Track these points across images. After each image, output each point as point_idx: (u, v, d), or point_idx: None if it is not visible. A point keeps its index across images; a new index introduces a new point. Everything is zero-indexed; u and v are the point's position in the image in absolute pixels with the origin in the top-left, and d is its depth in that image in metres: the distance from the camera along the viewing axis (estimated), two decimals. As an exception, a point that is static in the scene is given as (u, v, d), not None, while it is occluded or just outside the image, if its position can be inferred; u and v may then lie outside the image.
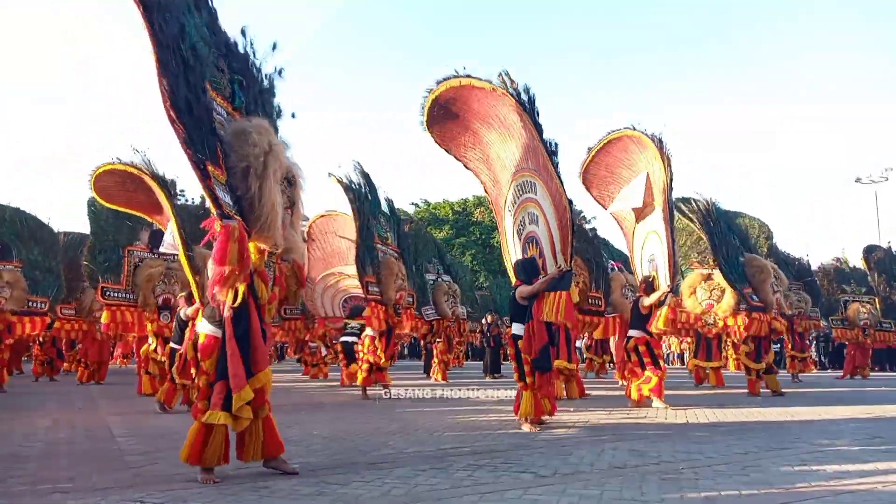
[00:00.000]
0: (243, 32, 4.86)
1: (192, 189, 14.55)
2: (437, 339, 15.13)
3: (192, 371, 4.50)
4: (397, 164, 79.36)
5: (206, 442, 4.08)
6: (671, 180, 8.89)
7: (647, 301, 8.97)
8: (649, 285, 9.25)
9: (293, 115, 5.23)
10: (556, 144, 7.15)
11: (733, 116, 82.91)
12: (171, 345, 8.92)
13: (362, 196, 11.38)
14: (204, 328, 4.97)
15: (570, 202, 7.27)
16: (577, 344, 15.51)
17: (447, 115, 8.19)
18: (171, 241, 9.74)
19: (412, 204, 40.66)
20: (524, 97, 7.08)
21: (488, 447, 5.48)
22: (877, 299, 16.37)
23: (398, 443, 5.80)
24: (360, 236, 11.02)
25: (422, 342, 17.70)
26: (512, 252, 8.26)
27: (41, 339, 15.46)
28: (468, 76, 7.44)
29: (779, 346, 16.47)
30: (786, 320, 11.77)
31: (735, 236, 11.78)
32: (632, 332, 9.29)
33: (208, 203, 4.10)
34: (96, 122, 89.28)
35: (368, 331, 10.81)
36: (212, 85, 4.36)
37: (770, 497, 3.69)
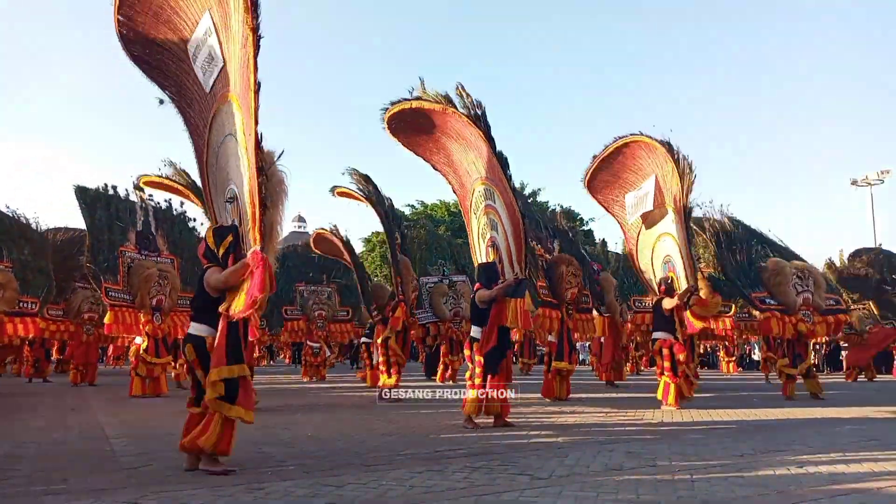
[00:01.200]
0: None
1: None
2: (441, 342, 15.15)
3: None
4: (391, 165, 79.32)
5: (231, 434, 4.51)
6: (691, 184, 9.07)
7: (670, 303, 9.01)
8: (669, 287, 9.33)
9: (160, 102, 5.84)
10: (506, 158, 7.27)
11: (728, 117, 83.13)
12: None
13: (382, 199, 11.54)
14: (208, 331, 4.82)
15: (524, 216, 7.48)
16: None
17: (408, 127, 8.36)
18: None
19: (408, 205, 40.60)
20: (476, 112, 7.14)
21: (484, 448, 5.47)
22: (871, 303, 16.34)
23: (394, 444, 5.79)
24: (390, 237, 11.53)
25: (417, 344, 17.67)
26: (478, 253, 8.37)
27: (30, 339, 15.34)
28: (418, 98, 7.53)
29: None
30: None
31: (758, 240, 11.98)
32: (657, 335, 9.45)
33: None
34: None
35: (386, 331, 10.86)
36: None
37: (765, 499, 3.69)
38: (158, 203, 12.72)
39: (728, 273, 11.29)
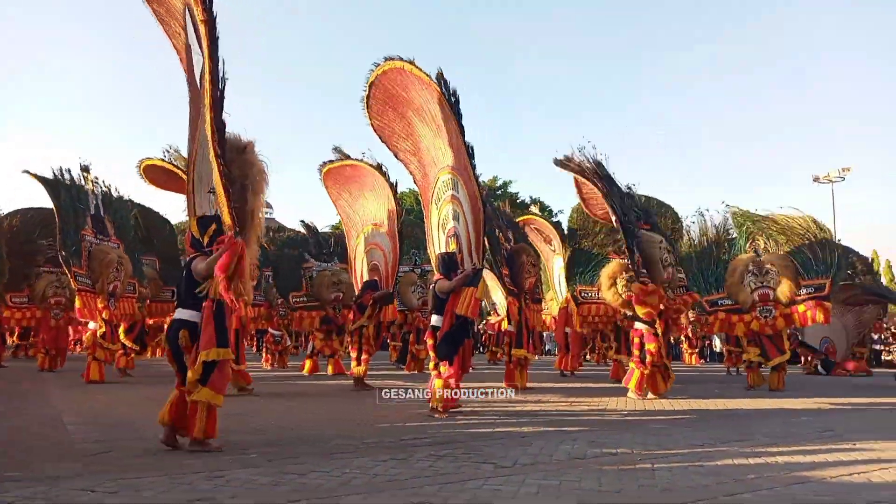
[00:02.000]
0: None
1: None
2: (409, 331, 15.14)
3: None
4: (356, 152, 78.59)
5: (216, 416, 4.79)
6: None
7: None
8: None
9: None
10: (472, 148, 7.27)
11: (694, 113, 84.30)
12: None
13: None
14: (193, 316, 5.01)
15: (485, 204, 7.51)
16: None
17: (386, 100, 8.28)
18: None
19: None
20: (452, 99, 7.14)
21: (449, 437, 5.48)
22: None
23: (359, 433, 5.76)
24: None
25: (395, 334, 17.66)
26: (436, 244, 8.38)
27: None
28: (411, 62, 7.49)
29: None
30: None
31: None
32: (638, 325, 9.58)
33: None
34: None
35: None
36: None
37: (723, 488, 3.75)
38: (107, 187, 12.49)
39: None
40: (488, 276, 10.24)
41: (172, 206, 14.56)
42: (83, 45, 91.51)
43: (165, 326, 17.91)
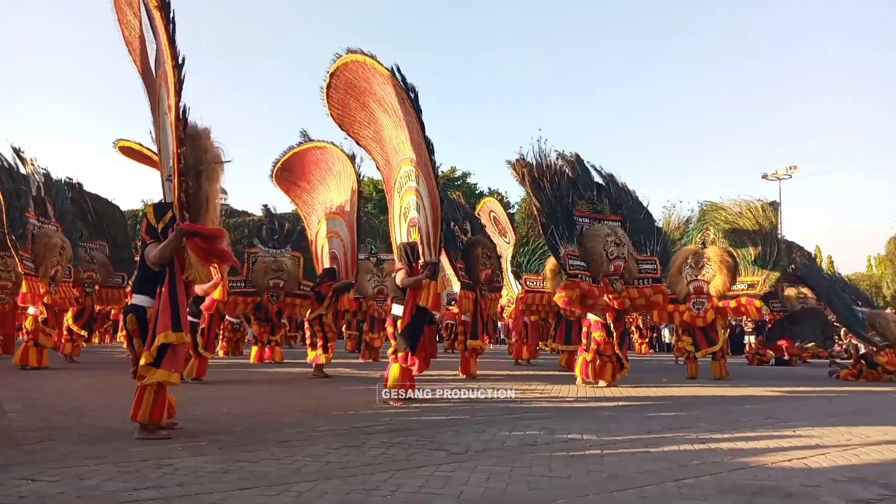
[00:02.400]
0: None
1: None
2: (363, 319, 15.05)
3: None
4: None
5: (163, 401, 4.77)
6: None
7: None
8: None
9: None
10: (432, 145, 7.28)
11: (644, 109, 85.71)
12: (190, 318, 8.91)
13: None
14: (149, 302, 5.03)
15: (443, 201, 7.55)
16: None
17: (349, 87, 8.18)
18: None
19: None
20: (410, 95, 7.12)
21: (403, 425, 5.49)
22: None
23: (312, 421, 5.72)
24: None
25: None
26: (398, 232, 8.37)
27: None
28: (373, 57, 7.43)
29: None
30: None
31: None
32: (590, 315, 9.77)
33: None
34: None
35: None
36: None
37: (669, 473, 3.85)
38: (45, 169, 12.10)
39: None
40: (445, 269, 10.27)
41: (124, 192, 14.21)
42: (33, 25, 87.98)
43: (113, 313, 17.54)
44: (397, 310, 7.21)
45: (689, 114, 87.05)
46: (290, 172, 11.51)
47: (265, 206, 13.08)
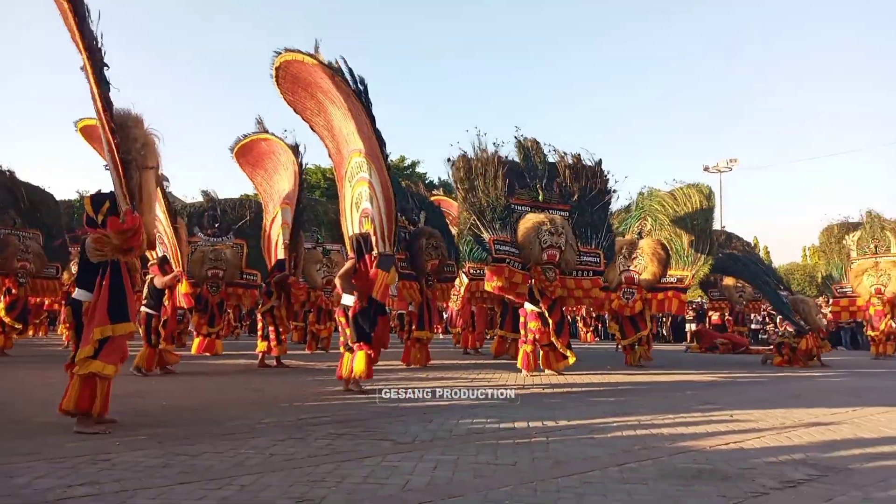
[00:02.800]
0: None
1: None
2: (310, 310, 14.87)
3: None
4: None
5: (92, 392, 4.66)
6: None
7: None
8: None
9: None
10: (383, 138, 7.25)
11: (583, 102, 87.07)
12: (144, 310, 8.85)
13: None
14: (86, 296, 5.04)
15: (396, 195, 7.51)
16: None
17: (295, 80, 8.09)
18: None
19: (282, 169, 39.25)
20: (359, 87, 7.05)
21: (350, 416, 5.45)
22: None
23: (256, 413, 5.62)
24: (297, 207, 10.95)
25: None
26: (349, 223, 8.30)
27: None
28: (311, 55, 7.32)
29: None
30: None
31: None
32: (528, 306, 9.78)
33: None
34: None
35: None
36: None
37: (613, 459, 3.93)
38: None
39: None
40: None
41: (62, 183, 13.66)
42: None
43: (47, 304, 16.90)
44: (347, 300, 7.13)
45: (629, 109, 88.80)
46: (247, 159, 11.40)
47: (205, 191, 12.61)
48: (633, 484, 3.34)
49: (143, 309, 8.82)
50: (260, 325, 10.66)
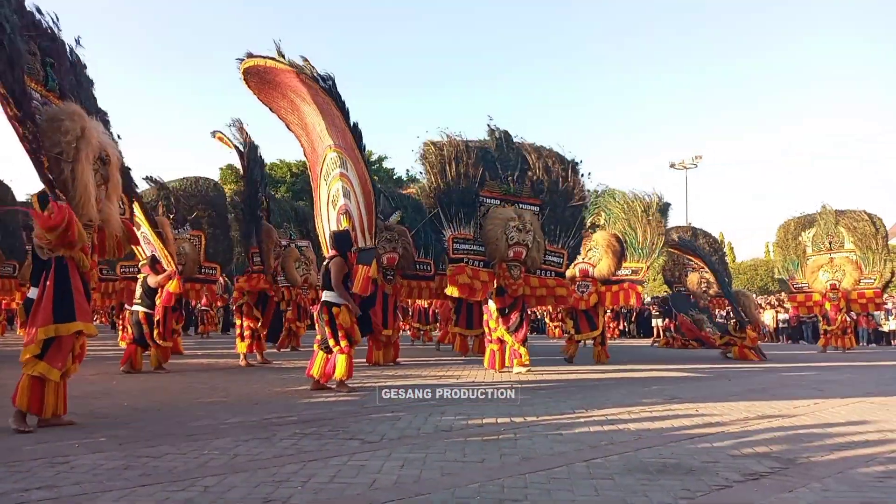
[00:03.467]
0: (39, 10, 5.11)
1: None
2: (288, 308, 14.64)
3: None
4: (227, 118, 75.20)
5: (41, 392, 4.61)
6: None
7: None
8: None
9: None
10: (360, 132, 7.18)
11: (552, 95, 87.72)
12: (142, 309, 8.97)
13: (257, 157, 10.73)
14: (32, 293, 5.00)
15: (375, 188, 7.51)
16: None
17: (264, 82, 8.01)
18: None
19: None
20: (326, 84, 6.97)
21: (317, 416, 5.38)
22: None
23: (220, 413, 5.52)
24: (253, 201, 10.70)
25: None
26: (325, 220, 8.21)
27: None
28: (273, 58, 7.22)
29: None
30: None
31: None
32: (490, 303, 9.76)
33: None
34: None
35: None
36: (26, 71, 4.62)
37: (580, 454, 3.95)
38: None
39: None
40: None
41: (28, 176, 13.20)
42: None
43: (5, 303, 16.44)
44: (329, 296, 6.94)
45: (594, 105, 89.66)
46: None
47: (149, 177, 11.58)
48: (600, 479, 3.36)
49: (140, 308, 9.01)
50: (238, 323, 10.60)
